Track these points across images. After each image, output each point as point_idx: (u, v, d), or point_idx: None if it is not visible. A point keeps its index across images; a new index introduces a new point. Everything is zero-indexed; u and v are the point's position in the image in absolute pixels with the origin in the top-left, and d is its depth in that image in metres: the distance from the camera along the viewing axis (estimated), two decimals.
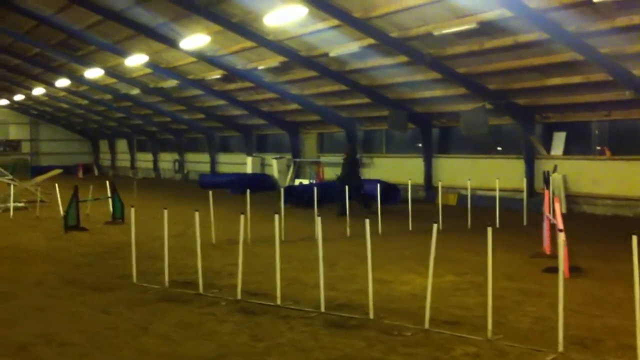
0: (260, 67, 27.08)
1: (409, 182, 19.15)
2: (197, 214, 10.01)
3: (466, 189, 19.29)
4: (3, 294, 9.94)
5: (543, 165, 23.09)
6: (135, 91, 37.36)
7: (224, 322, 8.30)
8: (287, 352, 7.08)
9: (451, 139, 27.73)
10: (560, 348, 6.84)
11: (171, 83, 33.59)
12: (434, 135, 28.01)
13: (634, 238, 6.58)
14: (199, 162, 43.16)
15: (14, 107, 54.29)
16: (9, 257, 13.48)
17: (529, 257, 12.70)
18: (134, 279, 10.64)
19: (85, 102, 45.37)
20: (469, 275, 10.93)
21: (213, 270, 11.22)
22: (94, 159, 58.90)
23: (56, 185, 20.84)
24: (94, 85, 38.45)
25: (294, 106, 31.26)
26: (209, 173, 40.17)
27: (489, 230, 7.56)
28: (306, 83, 28.06)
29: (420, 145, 28.23)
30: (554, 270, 7.30)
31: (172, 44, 25.40)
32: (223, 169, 40.92)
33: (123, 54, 28.51)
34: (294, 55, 24.49)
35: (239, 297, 9.33)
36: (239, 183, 30.84)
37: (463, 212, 18.13)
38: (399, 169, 27.80)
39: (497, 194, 18.37)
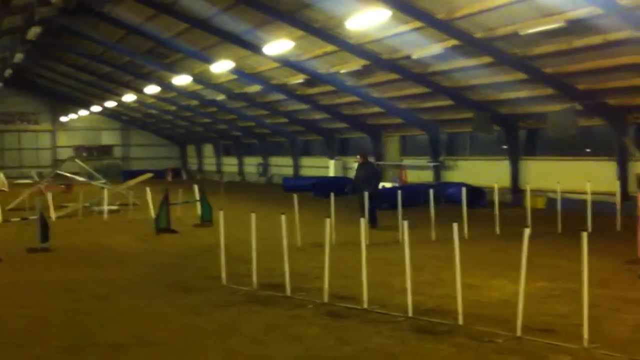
0: (342, 71, 27.16)
1: (495, 186, 18.71)
2: (283, 217, 10.13)
3: (555, 192, 18.71)
4: (98, 295, 10.35)
5: (637, 168, 22.18)
6: (221, 97, 38.22)
7: (311, 325, 8.36)
8: (374, 357, 7.06)
9: (538, 140, 26.99)
10: None
11: (255, 88, 34.18)
12: (520, 137, 27.33)
13: None
14: (282, 166, 43.70)
15: (106, 113, 56.55)
16: (103, 259, 14.03)
17: (623, 263, 12.21)
18: (223, 281, 10.86)
19: (173, 108, 46.75)
20: (561, 282, 10.60)
21: (299, 273, 11.32)
22: (182, 163, 60.64)
23: (147, 189, 21.57)
24: (181, 91, 39.56)
25: (375, 109, 31.20)
26: (292, 176, 40.60)
27: (584, 235, 7.31)
28: (388, 86, 27.94)
29: (505, 147, 27.60)
30: None
31: (256, 50, 25.84)
32: (306, 172, 41.27)
33: (209, 60, 29.22)
34: (375, 58, 24.45)
35: (325, 300, 9.38)
36: (322, 186, 31.00)
37: (552, 216, 17.59)
38: (483, 172, 27.28)
39: (588, 197, 17.72)
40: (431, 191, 17.48)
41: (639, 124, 22.89)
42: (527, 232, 7.59)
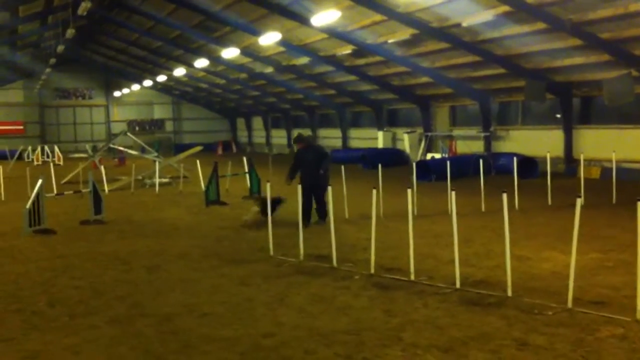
0: (391, 41, 26.81)
1: (548, 155, 18.29)
2: (329, 189, 10.10)
3: (610, 161, 18.20)
4: (149, 267, 10.53)
5: None
6: (269, 69, 38.23)
7: (358, 297, 8.34)
8: (422, 328, 7.00)
9: (593, 109, 26.24)
10: None
11: (303, 60, 34.07)
12: (574, 106, 26.61)
13: None
14: (331, 138, 43.63)
15: (158, 87, 57.29)
16: (155, 231, 14.27)
17: None
18: (271, 252, 10.93)
19: (222, 81, 47.05)
20: (615, 253, 10.32)
21: (347, 245, 11.31)
22: (232, 136, 61.18)
23: (197, 162, 21.81)
24: (230, 64, 39.73)
25: (424, 79, 30.76)
26: (341, 148, 40.53)
27: (639, 204, 7.06)
28: (437, 55, 27.48)
29: (559, 116, 26.92)
30: None
31: (303, 21, 25.68)
32: (354, 144, 41.15)
33: (257, 33, 29.19)
34: (424, 27, 24.03)
35: (372, 271, 9.35)
36: (371, 158, 30.89)
37: (607, 186, 17.13)
38: (536, 142, 26.69)
39: None
40: (481, 161, 17.20)
41: None
42: (579, 202, 7.37)
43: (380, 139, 36.85)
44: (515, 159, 17.59)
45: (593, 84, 24.01)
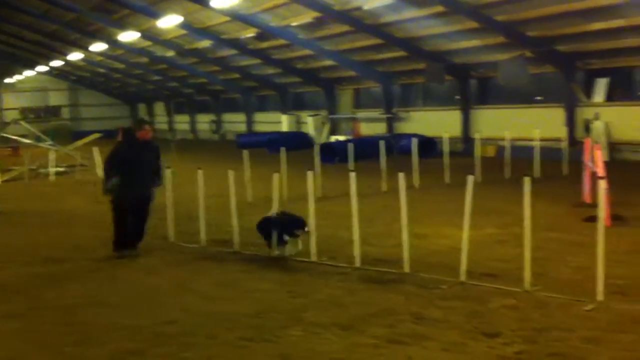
0: (294, 24, 26.84)
1: (446, 135, 18.86)
2: (230, 173, 10.04)
3: (506, 140, 18.94)
4: (49, 258, 10.15)
5: (584, 113, 22.57)
6: (171, 53, 37.48)
7: (262, 280, 8.35)
8: (324, 307, 7.09)
9: (490, 89, 27.23)
10: (600, 297, 6.72)
11: (205, 43, 33.58)
12: (472, 87, 27.51)
13: None
14: (235, 122, 43.31)
15: (53, 73, 55.00)
16: (53, 221, 13.76)
17: (570, 207, 12.49)
18: (172, 239, 10.77)
19: (122, 66, 45.73)
20: (511, 227, 10.75)
21: (249, 229, 11.26)
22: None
23: (95, 149, 21.12)
24: (130, 48, 38.67)
25: (329, 62, 31.00)
26: (246, 133, 40.30)
27: (526, 180, 7.40)
28: (341, 38, 27.73)
29: (457, 97, 27.76)
30: (595, 219, 7.12)
31: (204, 3, 25.26)
32: (260, 128, 40.99)
33: (156, 15, 28.51)
34: (327, 10, 24.17)
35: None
36: (276, 142, 30.83)
37: (502, 164, 17.86)
38: (436, 123, 27.44)
39: (537, 143, 18.00)
40: (382, 143, 17.53)
41: (587, 70, 23.23)
42: (470, 179, 7.66)
43: (284, 123, 36.87)
44: (414, 139, 18.03)
45: (489, 65, 24.88)
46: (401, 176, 8.45)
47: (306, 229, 9.28)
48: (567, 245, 9.48)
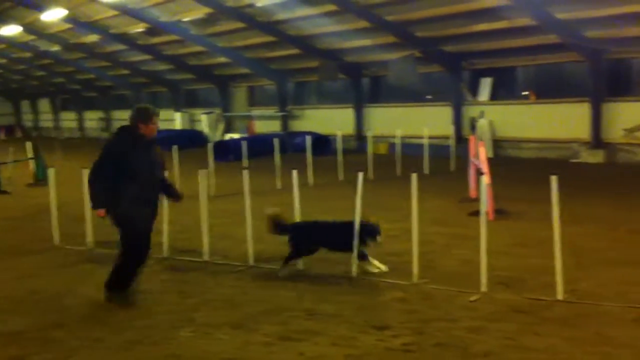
0: (185, 19, 26.41)
1: (339, 133, 19.13)
2: None
3: (397, 137, 19.42)
4: None
5: (470, 112, 23.48)
6: (56, 47, 35.97)
7: (151, 281, 8.12)
8: (215, 307, 6.99)
9: (382, 88, 27.81)
10: (484, 288, 6.99)
11: (93, 38, 32.45)
12: (364, 85, 28.01)
13: (553, 179, 6.73)
14: (125, 120, 41.90)
15: None
16: None
17: (457, 202, 12.93)
18: (57, 242, 10.32)
19: (3, 61, 43.51)
20: (401, 222, 10.98)
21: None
22: (15, 120, 56.67)
23: None
24: (12, 42, 36.77)
25: (222, 59, 30.70)
26: None
27: (414, 176, 7.59)
28: (234, 35, 27.52)
29: (350, 95, 28.19)
30: (479, 213, 7.39)
31: None
32: None
33: (40, 8, 27.25)
34: (219, 6, 23.93)
35: (166, 254, 9.17)
36: (168, 140, 30.16)
37: (393, 161, 18.29)
38: (330, 120, 27.77)
39: (425, 141, 18.56)
40: (276, 140, 17.55)
41: (473, 70, 24.16)
42: (360, 176, 7.77)
43: (177, 121, 36.20)
44: (309, 137, 18.17)
45: (381, 64, 25.41)
46: (294, 173, 8.47)
47: (378, 238, 7.94)
48: (454, 239, 9.81)
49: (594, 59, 20.01)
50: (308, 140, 17.65)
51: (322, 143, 23.93)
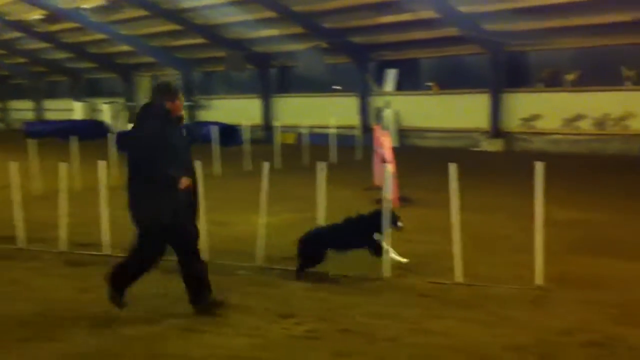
0: (85, 6, 25.46)
1: (246, 124, 19.03)
2: (13, 164, 9.29)
3: (305, 127, 19.49)
4: None
5: (376, 102, 23.84)
6: None
7: (49, 276, 7.84)
8: None
9: (290, 78, 27.80)
10: (387, 274, 7.09)
11: None
12: (272, 76, 27.93)
13: (452, 166, 6.91)
14: (23, 110, 40.28)
15: None
16: None
17: (362, 191, 13.09)
18: None
19: None
20: (307, 212, 11.02)
21: (37, 223, 10.49)
22: None
23: None
24: None
25: (125, 48, 29.86)
26: (34, 121, 37.61)
27: (320, 165, 7.62)
28: (137, 23, 26.82)
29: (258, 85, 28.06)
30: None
31: None
32: (50, 116, 38.45)
33: None
34: None
35: (64, 249, 8.83)
36: (69, 131, 29.09)
37: (302, 151, 18.33)
38: (238, 111, 27.49)
39: (333, 131, 18.71)
40: (184, 131, 17.22)
41: (379, 61, 24.51)
42: (266, 166, 7.73)
43: (78, 111, 34.96)
44: (216, 127, 17.97)
45: (289, 55, 25.40)
46: (198, 164, 8.27)
47: (399, 223, 7.52)
48: None
49: (494, 52, 20.73)
50: (215, 130, 17.43)
51: (230, 133, 23.69)
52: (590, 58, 20.09)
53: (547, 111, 20.30)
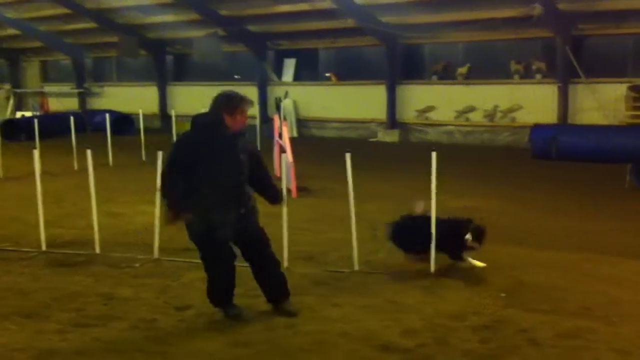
0: None
1: (141, 112, 18.51)
2: None
3: None
4: None
5: (276, 92, 23.80)
6: None
7: None
8: (3, 296, 6.47)
9: (187, 66, 27.27)
10: (286, 264, 7.11)
11: None
12: (168, 63, 27.31)
13: (347, 156, 7.01)
14: None
15: None
16: None
17: None
18: None
19: None
20: None
21: None
22: None
23: None
24: None
25: (11, 31, 28.36)
26: None
27: None
28: (24, 6, 25.54)
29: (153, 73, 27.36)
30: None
31: None
32: None
33: None
34: None
35: None
36: None
37: None
38: (132, 99, 26.72)
39: None
40: (72, 119, 16.59)
41: (277, 51, 24.45)
42: (160, 155, 7.55)
43: None
44: (108, 116, 17.40)
45: (185, 41, 24.86)
46: (89, 153, 8.03)
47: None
48: (261, 217, 9.85)
49: (390, 44, 21.12)
50: (107, 118, 16.86)
51: (124, 122, 23.01)
52: (481, 52, 20.87)
53: (441, 103, 20.93)
